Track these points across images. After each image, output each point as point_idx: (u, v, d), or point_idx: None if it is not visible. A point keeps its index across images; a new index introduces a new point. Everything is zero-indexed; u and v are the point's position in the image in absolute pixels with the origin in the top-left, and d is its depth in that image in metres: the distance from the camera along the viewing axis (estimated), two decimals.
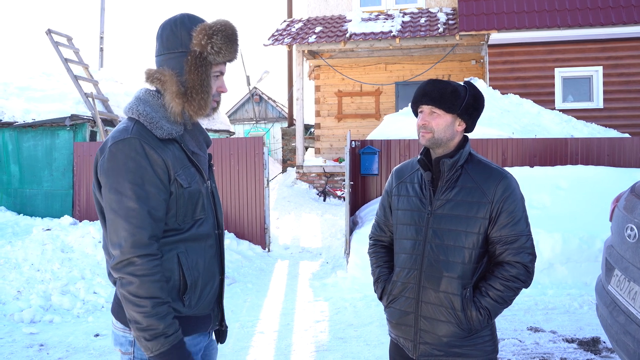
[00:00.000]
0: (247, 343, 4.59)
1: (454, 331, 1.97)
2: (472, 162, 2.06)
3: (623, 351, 2.70)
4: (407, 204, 2.10)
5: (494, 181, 1.98)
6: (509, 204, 1.96)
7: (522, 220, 1.98)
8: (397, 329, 2.10)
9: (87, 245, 6.48)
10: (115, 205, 1.60)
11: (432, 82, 2.05)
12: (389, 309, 2.13)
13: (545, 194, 6.84)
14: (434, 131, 2.01)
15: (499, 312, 1.98)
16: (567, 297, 5.58)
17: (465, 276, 1.97)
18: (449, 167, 2.02)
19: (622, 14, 10.83)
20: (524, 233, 1.97)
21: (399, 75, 14.11)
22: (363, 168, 8.24)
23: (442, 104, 1.99)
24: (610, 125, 10.62)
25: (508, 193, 1.97)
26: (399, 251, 2.12)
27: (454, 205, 2.00)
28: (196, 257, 1.73)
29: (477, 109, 2.05)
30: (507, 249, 1.96)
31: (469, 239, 1.97)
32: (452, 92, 1.99)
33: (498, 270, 1.97)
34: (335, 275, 6.56)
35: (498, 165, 2.02)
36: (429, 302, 2.01)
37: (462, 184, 2.01)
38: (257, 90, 26.84)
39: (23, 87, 10.93)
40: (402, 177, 2.18)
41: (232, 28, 1.75)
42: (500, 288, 1.94)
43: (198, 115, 1.77)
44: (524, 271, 1.96)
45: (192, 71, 1.72)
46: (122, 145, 1.62)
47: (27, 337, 4.79)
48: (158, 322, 1.58)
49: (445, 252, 1.98)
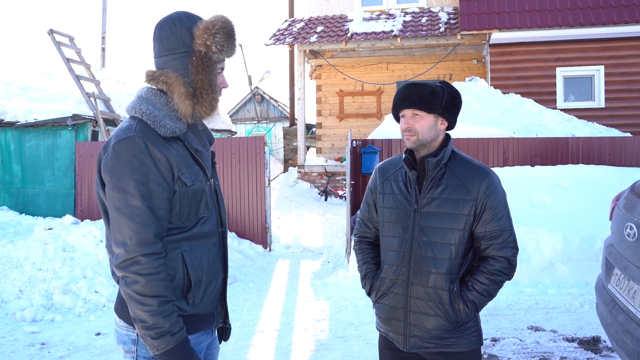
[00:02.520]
0: (247, 342, 4.60)
1: (443, 324, 2.04)
2: (455, 159, 2.11)
3: (622, 350, 2.71)
4: (392, 202, 2.14)
5: (478, 178, 2.04)
6: (492, 201, 2.02)
7: (505, 216, 2.04)
8: (387, 324, 2.16)
9: (88, 244, 6.50)
10: (120, 203, 1.60)
11: (409, 86, 2.09)
12: (378, 305, 2.18)
13: (546, 193, 6.84)
14: (418, 133, 2.06)
15: (484, 304, 2.07)
16: (568, 296, 5.58)
17: (452, 271, 2.03)
18: (434, 165, 2.06)
19: (623, 13, 10.82)
20: (507, 228, 2.04)
21: (401, 74, 14.12)
22: (364, 167, 8.25)
23: (422, 106, 2.04)
24: (612, 124, 10.62)
25: (491, 190, 2.03)
26: (385, 248, 2.16)
27: (439, 203, 2.05)
28: (200, 255, 1.73)
29: (456, 106, 2.10)
30: (492, 244, 2.03)
31: (454, 236, 2.03)
32: (430, 92, 2.04)
33: (483, 265, 2.04)
34: (336, 275, 6.57)
35: (480, 161, 2.10)
36: (418, 298, 2.06)
37: (447, 182, 2.06)
38: (258, 90, 26.86)
39: (25, 87, 10.93)
40: (385, 175, 2.21)
41: (231, 24, 1.76)
42: (486, 282, 2.02)
43: (209, 115, 1.78)
44: (507, 265, 2.04)
45: (199, 72, 1.73)
46: (126, 143, 1.62)
47: (28, 336, 4.80)
48: (164, 321, 1.58)
49: (432, 249, 2.04)
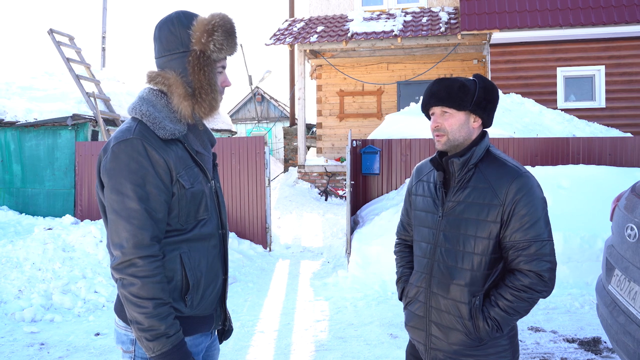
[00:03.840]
0: (247, 342, 4.59)
1: (463, 340, 1.87)
2: (487, 159, 1.90)
3: (623, 351, 2.70)
4: (422, 205, 2.01)
5: (507, 180, 1.82)
6: (522, 206, 1.79)
7: (538, 224, 1.80)
8: (412, 332, 2.05)
9: (88, 244, 6.49)
10: (117, 205, 1.60)
11: (439, 81, 1.92)
12: (406, 311, 2.07)
13: (546, 193, 6.82)
14: (447, 132, 1.89)
15: (510, 323, 1.83)
16: (568, 296, 5.57)
17: (475, 283, 1.85)
18: (459, 166, 1.89)
19: (624, 13, 10.81)
20: (540, 238, 1.79)
21: (401, 74, 14.11)
22: (364, 167, 8.25)
23: (451, 102, 1.87)
24: (613, 124, 10.61)
25: (522, 193, 1.80)
26: (416, 253, 2.05)
27: (465, 208, 1.87)
28: (199, 257, 1.73)
29: (491, 101, 1.90)
30: (520, 255, 1.80)
31: (479, 244, 1.84)
32: (459, 87, 1.86)
33: (509, 279, 1.82)
34: (336, 275, 6.56)
35: (518, 162, 1.87)
36: (438, 309, 1.92)
37: (475, 184, 1.87)
38: (259, 90, 26.86)
39: (25, 87, 10.94)
40: (420, 176, 2.08)
41: (230, 21, 1.73)
42: (510, 298, 1.80)
43: (209, 116, 1.76)
44: (537, 280, 1.79)
45: (197, 71, 1.71)
46: (125, 145, 1.62)
47: (27, 336, 4.80)
48: (159, 323, 1.58)
49: (454, 258, 1.88)
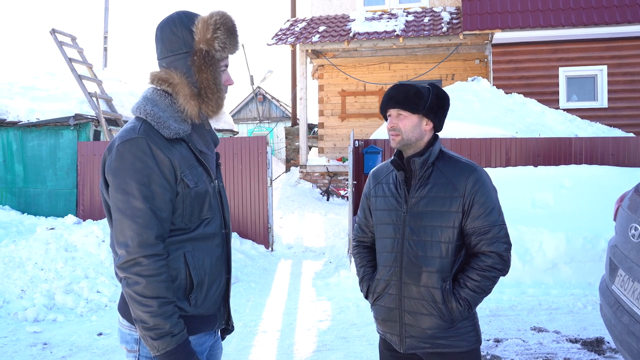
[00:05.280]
0: (249, 342, 4.59)
1: (437, 323, 2.04)
2: (443, 159, 2.13)
3: (627, 351, 2.69)
4: (384, 204, 2.18)
5: (464, 175, 2.05)
6: (480, 196, 2.03)
7: (495, 211, 2.04)
8: (384, 325, 2.17)
9: (90, 244, 6.49)
10: (122, 204, 1.61)
11: (397, 86, 2.13)
12: (375, 307, 2.20)
13: (549, 193, 6.82)
14: (402, 132, 2.10)
15: (478, 301, 2.05)
16: (571, 297, 5.56)
17: (444, 269, 2.04)
18: (420, 165, 2.09)
19: (626, 13, 10.79)
20: (497, 223, 2.04)
21: (403, 74, 14.10)
22: (366, 167, 8.25)
23: (406, 106, 2.08)
24: (615, 124, 10.59)
25: (478, 185, 2.04)
26: (380, 250, 2.19)
27: (428, 202, 2.07)
28: (203, 256, 1.73)
29: (442, 108, 2.12)
30: (482, 239, 2.03)
31: (444, 233, 2.04)
32: (415, 93, 2.07)
33: (474, 261, 2.04)
34: (339, 275, 6.56)
35: (469, 159, 2.14)
36: (411, 297, 2.08)
37: (435, 181, 2.08)
38: (260, 90, 26.86)
39: (27, 87, 10.94)
40: (378, 179, 2.26)
41: (231, 20, 1.74)
42: (477, 278, 2.01)
43: (216, 114, 1.78)
44: (499, 260, 2.02)
45: (202, 71, 1.72)
46: (130, 145, 1.63)
47: (30, 336, 4.80)
48: (164, 322, 1.58)
49: (423, 248, 2.06)
